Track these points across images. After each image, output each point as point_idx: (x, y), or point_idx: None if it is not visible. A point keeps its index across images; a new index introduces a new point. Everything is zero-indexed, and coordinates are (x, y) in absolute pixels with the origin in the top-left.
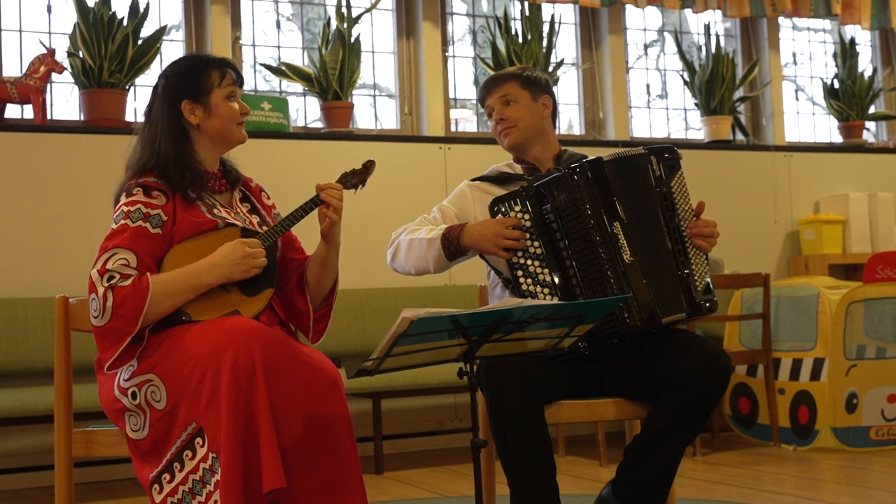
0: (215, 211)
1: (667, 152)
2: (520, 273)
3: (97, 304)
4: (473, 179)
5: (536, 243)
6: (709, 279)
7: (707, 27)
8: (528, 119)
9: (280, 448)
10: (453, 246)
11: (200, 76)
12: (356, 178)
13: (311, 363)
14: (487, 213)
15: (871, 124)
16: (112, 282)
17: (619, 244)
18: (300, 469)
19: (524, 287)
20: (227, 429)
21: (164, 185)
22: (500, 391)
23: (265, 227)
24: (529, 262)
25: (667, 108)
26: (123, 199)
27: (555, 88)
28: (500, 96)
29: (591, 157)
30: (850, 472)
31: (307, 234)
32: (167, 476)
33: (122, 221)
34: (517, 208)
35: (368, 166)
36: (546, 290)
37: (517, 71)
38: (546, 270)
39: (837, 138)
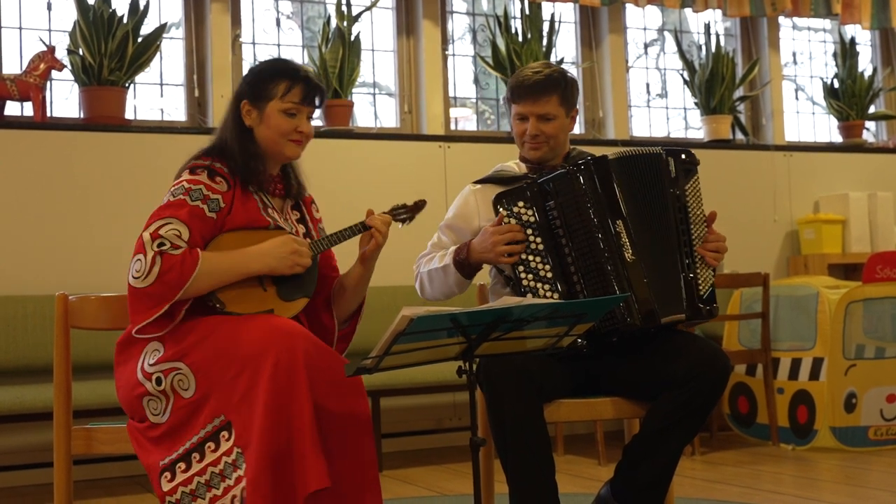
0: (269, 211)
1: (685, 154)
2: (521, 269)
3: (142, 266)
4: (477, 182)
5: (538, 239)
6: (713, 286)
7: (707, 26)
8: (560, 136)
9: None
10: (466, 266)
11: (269, 82)
12: (406, 213)
13: (341, 368)
14: (490, 216)
15: (870, 124)
16: (163, 248)
17: (621, 242)
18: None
19: (525, 283)
20: (262, 427)
21: (228, 173)
22: (500, 390)
23: (309, 240)
24: (531, 257)
25: (667, 108)
26: (187, 175)
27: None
28: (540, 112)
29: (597, 156)
30: (848, 471)
31: (342, 255)
32: (182, 465)
33: (182, 196)
34: (520, 204)
35: (420, 205)
36: (547, 287)
37: (558, 80)
38: (547, 267)
39: (837, 138)
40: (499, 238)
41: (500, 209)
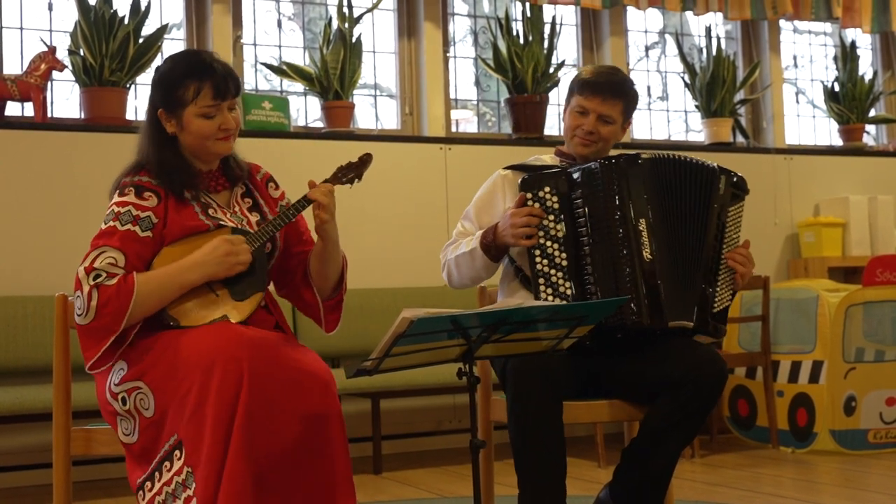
0: (210, 212)
1: (737, 178)
2: (537, 252)
3: (82, 303)
4: (507, 167)
5: (559, 226)
6: (727, 306)
7: (708, 29)
8: (612, 141)
9: (270, 451)
10: (493, 249)
11: (177, 88)
12: (352, 171)
13: (302, 367)
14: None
15: (871, 127)
16: (98, 280)
17: (641, 241)
18: (291, 470)
19: (539, 267)
20: (210, 446)
21: (157, 185)
22: (524, 387)
23: (245, 235)
24: (549, 243)
25: (667, 110)
26: (116, 198)
27: (556, 90)
28: (604, 112)
29: (630, 153)
30: (848, 474)
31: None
32: (149, 483)
33: (112, 223)
34: (546, 189)
35: (365, 160)
36: (560, 275)
37: (629, 90)
38: (564, 255)
39: (837, 141)
40: (517, 220)
41: (525, 193)
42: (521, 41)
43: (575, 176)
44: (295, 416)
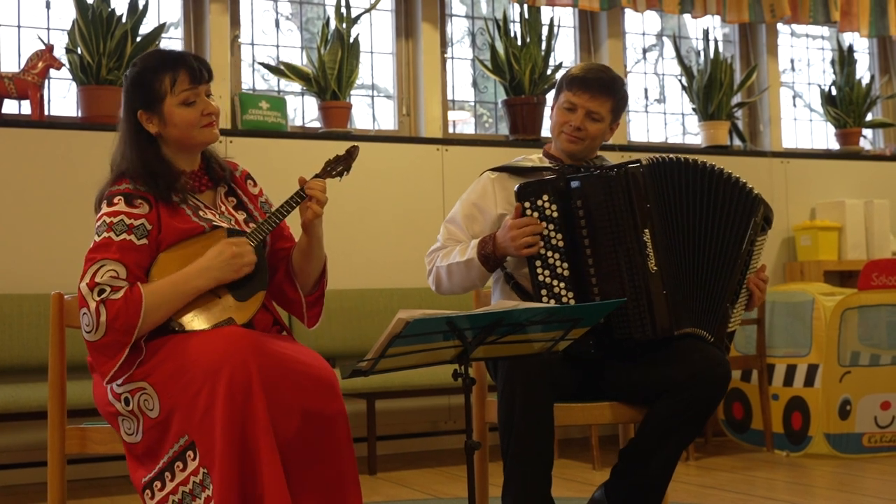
0: (200, 213)
1: (769, 207)
2: (538, 263)
3: (90, 319)
4: (494, 169)
5: (559, 235)
6: (736, 329)
7: (706, 32)
8: (599, 140)
9: (280, 454)
10: (492, 260)
11: (152, 84)
12: (341, 164)
13: (307, 370)
14: (508, 205)
15: (867, 131)
16: (103, 296)
17: (645, 252)
18: (299, 471)
19: (540, 278)
20: (222, 447)
21: (146, 192)
22: (514, 384)
23: (252, 224)
24: (550, 253)
25: (664, 113)
26: (105, 208)
27: (553, 92)
28: (592, 109)
29: (632, 160)
30: (842, 478)
31: (296, 223)
32: (158, 484)
33: (106, 235)
34: (545, 198)
35: (352, 152)
36: (562, 285)
37: (619, 88)
38: (565, 265)
39: (834, 145)
40: (517, 232)
41: (523, 201)
42: (519, 43)
43: (574, 183)
44: (302, 417)
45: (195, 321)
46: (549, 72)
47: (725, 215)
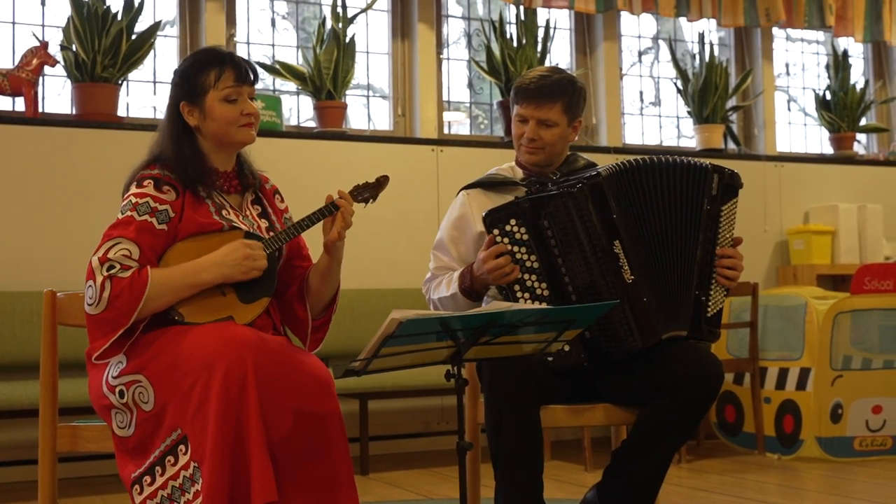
0: (223, 212)
1: (730, 173)
2: (517, 287)
3: (93, 292)
4: (467, 186)
5: (533, 257)
6: (721, 308)
7: (701, 36)
8: (559, 145)
9: (273, 451)
10: (473, 293)
11: (198, 76)
12: (368, 192)
13: (303, 369)
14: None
15: (861, 136)
16: (112, 272)
17: (619, 263)
18: (293, 469)
19: (521, 302)
20: (213, 441)
21: (176, 180)
22: (500, 388)
23: (272, 234)
24: (527, 275)
25: (659, 116)
26: (134, 189)
27: None
28: (541, 117)
29: (592, 172)
30: (833, 481)
31: (315, 242)
32: (148, 478)
33: (129, 213)
34: (512, 222)
35: (382, 182)
36: (544, 305)
37: (566, 87)
38: (544, 285)
39: (828, 149)
40: (492, 264)
41: (491, 230)
42: (515, 44)
43: (539, 203)
44: (297, 416)
45: (196, 314)
46: None
47: (681, 202)
